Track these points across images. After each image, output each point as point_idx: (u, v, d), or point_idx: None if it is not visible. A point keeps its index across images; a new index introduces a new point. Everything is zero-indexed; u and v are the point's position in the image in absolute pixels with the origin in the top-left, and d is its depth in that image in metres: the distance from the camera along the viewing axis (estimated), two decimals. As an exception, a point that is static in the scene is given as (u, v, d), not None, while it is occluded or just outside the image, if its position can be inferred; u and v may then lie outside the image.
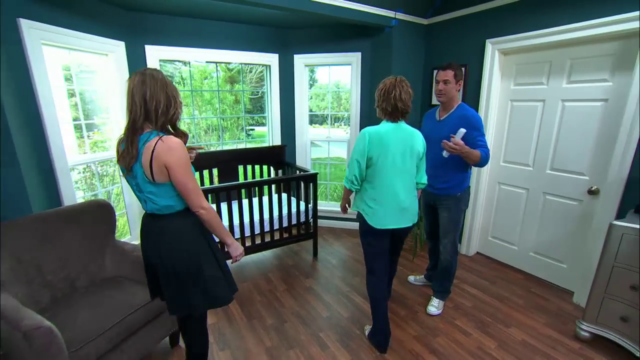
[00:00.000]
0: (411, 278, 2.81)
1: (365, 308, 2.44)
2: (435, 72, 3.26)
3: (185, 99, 3.49)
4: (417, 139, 1.83)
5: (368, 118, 3.49)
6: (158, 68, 2.90)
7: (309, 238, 3.17)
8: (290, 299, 2.57)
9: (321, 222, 3.94)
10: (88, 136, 3.41)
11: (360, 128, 3.52)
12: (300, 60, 3.56)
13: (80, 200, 2.81)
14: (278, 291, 2.67)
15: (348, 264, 3.10)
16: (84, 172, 4.45)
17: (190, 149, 1.58)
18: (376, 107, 1.90)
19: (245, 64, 3.42)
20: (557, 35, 2.30)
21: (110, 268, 2.05)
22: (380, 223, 1.84)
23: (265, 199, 3.09)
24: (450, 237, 2.24)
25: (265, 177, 3.60)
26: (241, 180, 3.44)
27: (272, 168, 3.63)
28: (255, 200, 3.01)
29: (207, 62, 3.18)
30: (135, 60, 2.79)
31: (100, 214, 2.06)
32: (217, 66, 3.32)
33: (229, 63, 3.37)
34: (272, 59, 3.49)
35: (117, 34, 2.64)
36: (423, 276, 2.77)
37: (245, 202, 2.90)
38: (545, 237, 2.68)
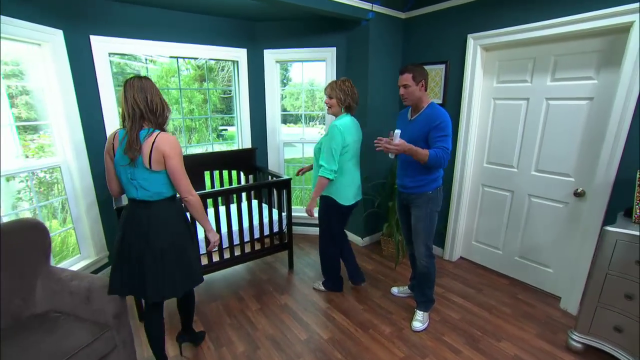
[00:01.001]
0: (394, 290, 2.63)
1: (348, 327, 2.22)
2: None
3: None
4: (360, 129, 2.32)
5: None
6: (107, 62, 2.54)
7: (284, 249, 2.91)
8: (263, 319, 2.31)
9: (295, 229, 3.69)
10: (32, 140, 2.98)
11: (337, 128, 3.30)
12: (271, 56, 3.29)
13: (24, 215, 2.43)
14: (250, 311, 2.40)
15: (327, 276, 2.87)
16: (26, 181, 3.95)
17: None
18: (338, 102, 2.20)
19: (210, 59, 3.11)
20: (541, 31, 2.18)
21: (42, 302, 1.70)
22: (348, 201, 2.30)
23: (234, 207, 2.80)
24: (422, 239, 2.14)
25: (235, 183, 3.30)
26: (207, 188, 3.13)
27: (242, 173, 3.34)
28: (223, 210, 2.72)
29: (166, 57, 2.84)
30: (78, 52, 2.41)
31: (29, 236, 1.71)
32: (177, 62, 2.99)
33: (193, 59, 3.04)
34: (239, 55, 3.20)
35: (52, 21, 2.25)
36: (407, 287, 2.59)
37: (211, 211, 2.60)
38: (531, 241, 2.58)
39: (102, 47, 2.50)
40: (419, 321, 2.23)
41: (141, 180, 1.47)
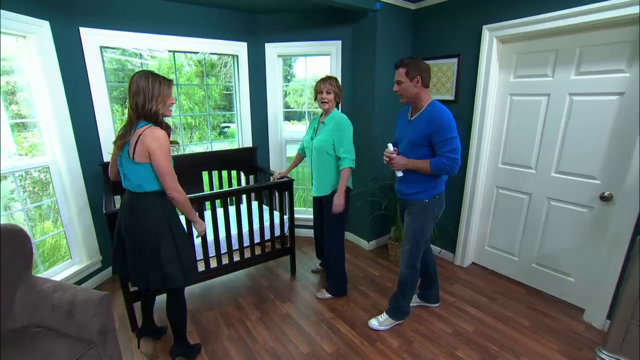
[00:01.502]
0: None
1: (354, 340, 2.07)
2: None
3: None
4: None
5: (348, 112, 3.11)
6: (99, 56, 2.40)
7: (286, 254, 2.76)
8: (264, 330, 2.17)
9: (299, 232, 3.55)
10: (26, 138, 2.86)
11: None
12: (273, 50, 3.13)
13: (17, 216, 2.30)
14: (250, 321, 2.25)
15: (331, 282, 2.72)
16: (18, 181, 3.84)
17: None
18: (335, 97, 2.26)
19: (208, 53, 2.95)
20: (564, 20, 2.00)
21: (22, 315, 1.56)
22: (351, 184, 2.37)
23: (232, 209, 2.65)
24: (407, 246, 2.02)
25: (235, 183, 3.16)
26: (206, 189, 2.98)
27: (242, 174, 3.19)
28: (221, 212, 2.57)
29: (161, 51, 2.69)
30: (67, 45, 2.26)
31: (8, 244, 1.57)
32: (174, 57, 2.83)
33: (190, 53, 2.89)
34: (239, 49, 3.04)
35: (38, 11, 2.11)
36: (416, 295, 2.43)
37: (208, 214, 2.45)
38: (550, 248, 2.41)
39: (93, 40, 2.35)
40: (377, 320, 2.18)
41: (126, 170, 1.53)
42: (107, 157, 2.55)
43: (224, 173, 3.09)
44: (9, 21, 1.98)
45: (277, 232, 2.69)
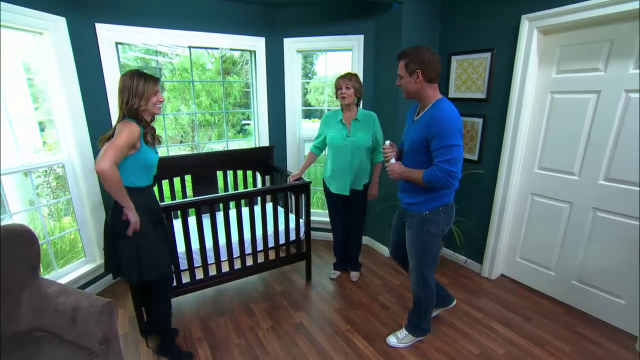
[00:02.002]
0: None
1: (371, 357, 1.92)
2: (452, 58, 2.73)
3: (171, 91, 2.94)
4: None
5: (370, 110, 2.95)
6: (115, 52, 2.36)
7: (301, 259, 2.64)
8: (275, 340, 2.05)
9: (316, 235, 3.42)
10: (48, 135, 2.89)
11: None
12: (291, 45, 3.00)
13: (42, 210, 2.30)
14: (261, 329, 2.15)
15: (348, 292, 2.57)
16: (44, 176, 3.92)
17: None
18: (355, 93, 2.29)
19: (225, 49, 2.87)
20: (622, 5, 1.75)
21: (27, 318, 1.52)
22: None
23: (246, 211, 2.55)
24: (413, 263, 1.83)
25: (250, 184, 3.07)
26: (220, 189, 2.91)
27: (258, 174, 3.09)
28: (233, 213, 2.47)
29: (176, 46, 2.62)
30: (83, 41, 2.23)
31: (15, 245, 1.53)
32: (190, 52, 2.76)
33: (207, 48, 2.81)
34: (257, 44, 2.94)
35: (55, 7, 2.08)
36: None
37: (220, 216, 2.35)
38: (595, 264, 2.15)
39: (109, 36, 2.31)
40: (396, 337, 2.01)
41: None
42: (121, 155, 2.51)
43: (239, 173, 2.99)
44: (26, 17, 1.96)
45: (293, 237, 2.57)
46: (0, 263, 1.47)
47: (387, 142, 1.76)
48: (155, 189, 2.56)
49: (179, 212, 2.03)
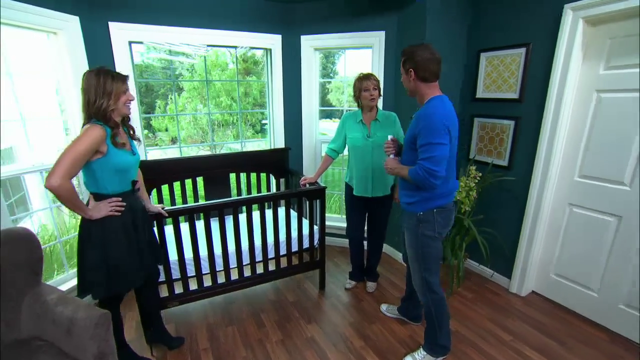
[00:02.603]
0: (383, 307, 2.34)
1: (385, 380, 1.77)
2: (482, 55, 2.51)
3: (190, 91, 2.90)
4: None
5: (392, 107, 2.78)
6: (128, 51, 2.31)
7: (314, 268, 2.51)
8: (284, 355, 1.93)
9: (332, 241, 3.28)
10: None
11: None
12: (309, 43, 2.88)
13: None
14: (270, 342, 2.04)
15: (364, 304, 2.42)
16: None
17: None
18: (380, 95, 2.21)
19: (240, 47, 2.78)
20: (686, -8, 1.50)
21: (27, 326, 1.47)
22: None
23: (257, 215, 2.44)
24: (414, 267, 1.76)
25: (264, 186, 2.97)
26: (233, 192, 2.83)
27: (272, 176, 2.99)
28: (243, 218, 2.37)
29: (189, 45, 2.55)
30: (95, 41, 2.20)
31: (17, 249, 1.48)
32: (205, 52, 2.69)
33: (221, 46, 2.74)
34: (273, 42, 2.83)
35: (69, 6, 2.05)
36: (396, 309, 2.26)
37: (230, 221, 2.26)
38: (645, 286, 1.89)
39: (122, 34, 2.27)
40: (414, 358, 1.86)
41: None
42: (134, 156, 2.47)
43: (253, 175, 2.90)
44: (40, 17, 1.94)
45: (306, 244, 2.45)
46: (0, 268, 1.43)
47: (390, 137, 1.80)
48: (157, 193, 2.51)
49: (183, 216, 1.96)
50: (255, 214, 2.32)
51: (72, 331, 1.33)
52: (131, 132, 1.59)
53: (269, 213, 2.36)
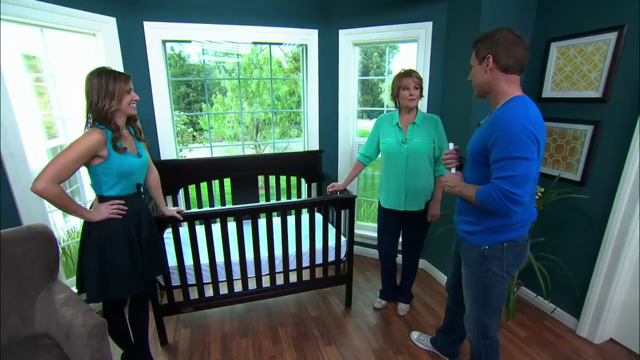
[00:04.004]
0: (414, 335, 2.05)
1: None
2: (552, 45, 2.09)
3: (235, 90, 2.89)
4: None
5: (439, 109, 2.46)
6: (161, 50, 2.31)
7: (340, 283, 2.30)
8: (297, 379, 1.77)
9: (365, 251, 3.04)
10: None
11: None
12: (347, 37, 2.66)
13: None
14: (284, 362, 1.88)
15: (392, 328, 2.15)
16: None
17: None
18: (422, 96, 1.94)
19: (274, 44, 2.66)
20: None
21: (40, 322, 1.49)
22: None
23: (278, 222, 2.25)
24: (471, 306, 1.45)
25: (294, 190, 2.82)
26: (261, 197, 2.72)
27: (303, 180, 2.83)
28: (263, 224, 2.23)
29: (220, 42, 2.49)
30: (130, 41, 2.23)
31: (33, 246, 1.51)
32: (237, 48, 2.63)
33: (254, 43, 2.64)
34: (309, 37, 2.67)
35: (106, 8, 2.09)
36: (429, 338, 1.97)
37: (248, 228, 2.13)
38: None
39: (155, 33, 2.28)
40: None
41: None
42: (164, 155, 2.49)
43: (282, 178, 2.77)
44: (82, 20, 2.00)
45: (332, 257, 2.25)
46: (16, 263, 1.46)
47: (452, 145, 1.47)
48: (185, 193, 2.48)
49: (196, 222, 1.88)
50: (278, 220, 2.19)
51: (70, 336, 1.30)
52: (138, 134, 1.53)
53: (290, 220, 2.19)
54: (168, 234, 2.08)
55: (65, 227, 3.36)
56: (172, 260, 1.86)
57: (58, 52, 2.16)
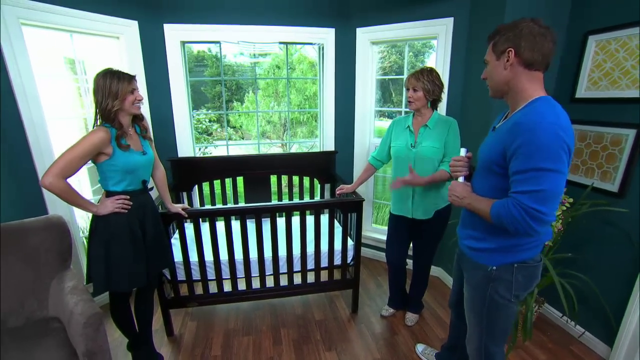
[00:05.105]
0: (419, 347, 1.94)
1: None
2: (590, 39, 1.88)
3: (266, 89, 2.93)
4: None
5: (456, 115, 2.31)
6: (179, 51, 2.39)
7: (346, 288, 2.25)
8: (293, 383, 1.75)
9: (378, 255, 2.95)
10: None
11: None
12: (365, 36, 2.59)
13: None
14: (282, 364, 1.88)
15: (398, 339, 2.07)
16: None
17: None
18: (425, 95, 1.77)
19: (290, 43, 2.65)
20: None
21: (52, 307, 1.60)
22: None
23: (282, 222, 2.26)
24: (473, 331, 1.31)
25: (307, 191, 2.80)
26: (273, 196, 2.74)
27: (315, 180, 2.80)
28: (268, 227, 2.23)
29: (234, 42, 2.53)
30: (151, 43, 2.33)
31: (49, 236, 1.63)
32: (254, 48, 2.65)
33: (271, 43, 2.65)
34: (326, 36, 2.63)
35: (128, 12, 2.20)
36: (435, 353, 1.86)
37: (252, 227, 2.14)
38: None
39: (175, 35, 2.36)
40: None
41: None
42: (181, 152, 2.58)
43: (295, 178, 2.76)
44: (108, 25, 2.13)
45: (338, 261, 2.20)
46: (35, 250, 1.58)
47: (464, 151, 1.28)
48: (199, 190, 2.54)
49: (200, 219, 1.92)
50: (281, 221, 2.19)
51: (70, 323, 1.38)
52: (143, 132, 1.59)
53: (295, 222, 2.17)
54: (187, 229, 2.16)
55: (89, 218, 3.61)
56: (177, 256, 1.92)
57: (88, 54, 2.31)
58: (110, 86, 1.38)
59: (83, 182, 2.61)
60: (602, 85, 1.84)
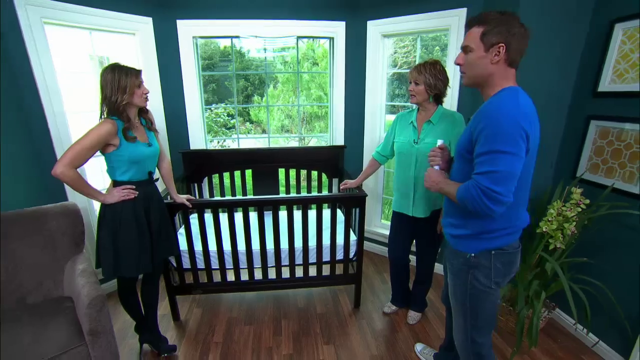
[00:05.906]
0: (418, 347, 1.92)
1: None
2: (616, 27, 1.74)
3: (286, 83, 3.00)
4: None
5: (464, 112, 2.23)
6: (192, 46, 2.45)
7: (349, 283, 2.25)
8: (288, 373, 1.78)
9: (385, 250, 2.91)
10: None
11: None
12: (376, 29, 2.54)
13: None
14: (278, 354, 1.91)
15: (398, 336, 2.05)
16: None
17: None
18: (427, 89, 1.70)
19: (300, 37, 2.65)
20: None
21: (66, 287, 1.72)
22: None
23: (283, 214, 2.29)
24: (458, 323, 1.33)
25: (315, 184, 2.81)
26: (281, 189, 2.77)
27: (324, 175, 2.80)
28: (270, 220, 2.25)
29: (247, 37, 2.56)
30: (165, 38, 2.41)
31: (64, 221, 1.75)
32: (264, 43, 2.67)
33: (279, 37, 2.66)
34: (336, 29, 2.60)
35: (144, 9, 2.29)
36: (433, 354, 1.83)
37: (254, 219, 2.18)
38: None
39: (187, 30, 2.43)
40: None
41: None
42: (193, 145, 2.66)
43: (303, 172, 2.78)
44: (125, 22, 2.23)
45: (340, 256, 2.20)
46: (52, 234, 1.70)
47: (440, 142, 1.35)
48: (209, 182, 2.61)
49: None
50: (282, 214, 2.21)
51: (77, 303, 1.48)
52: (149, 124, 1.65)
53: (297, 216, 2.18)
54: (193, 219, 2.24)
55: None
56: (183, 244, 2.00)
57: (110, 51, 2.42)
58: (119, 80, 1.44)
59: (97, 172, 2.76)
60: (629, 77, 1.70)
